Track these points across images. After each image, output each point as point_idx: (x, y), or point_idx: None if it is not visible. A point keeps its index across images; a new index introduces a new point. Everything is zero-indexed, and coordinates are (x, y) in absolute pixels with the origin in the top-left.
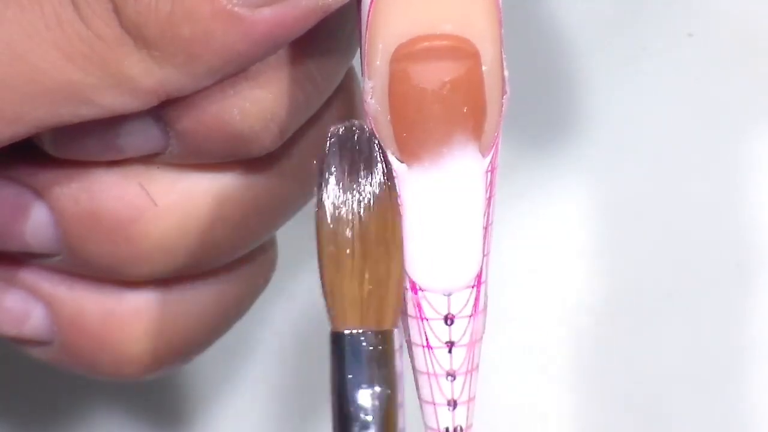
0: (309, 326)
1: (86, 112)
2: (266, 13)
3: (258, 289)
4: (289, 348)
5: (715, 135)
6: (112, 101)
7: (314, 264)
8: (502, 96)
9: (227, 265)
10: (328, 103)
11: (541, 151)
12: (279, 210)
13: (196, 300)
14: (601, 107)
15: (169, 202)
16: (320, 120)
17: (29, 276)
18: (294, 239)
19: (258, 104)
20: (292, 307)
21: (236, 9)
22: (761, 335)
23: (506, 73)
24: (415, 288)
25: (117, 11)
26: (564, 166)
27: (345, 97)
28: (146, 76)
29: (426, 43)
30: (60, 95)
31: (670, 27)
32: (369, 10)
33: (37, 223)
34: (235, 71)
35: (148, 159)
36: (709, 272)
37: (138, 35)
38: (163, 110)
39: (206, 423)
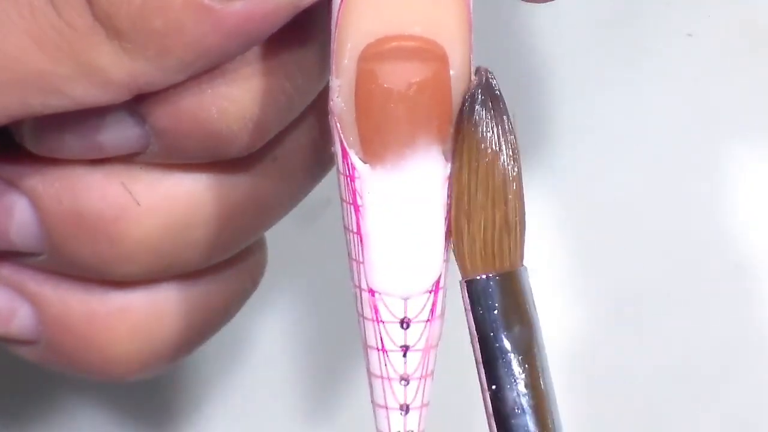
0: (303, 328)
1: (57, 103)
2: (238, 6)
3: (246, 292)
4: (283, 349)
5: (715, 135)
6: (82, 92)
7: (306, 268)
8: None
9: (214, 266)
10: (315, 106)
11: (542, 150)
12: (264, 212)
13: (181, 301)
14: (601, 107)
15: (151, 202)
16: (305, 122)
17: (15, 275)
18: (286, 241)
19: (236, 103)
20: (288, 305)
21: (207, 2)
22: (761, 335)
23: (474, 78)
24: (372, 290)
25: (90, 1)
26: (564, 165)
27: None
28: (117, 67)
29: (394, 44)
30: (30, 85)
31: (670, 27)
32: (339, 10)
33: (21, 222)
34: (207, 66)
35: (130, 159)
36: (709, 272)
37: (110, 26)
38: (142, 108)
39: (198, 424)
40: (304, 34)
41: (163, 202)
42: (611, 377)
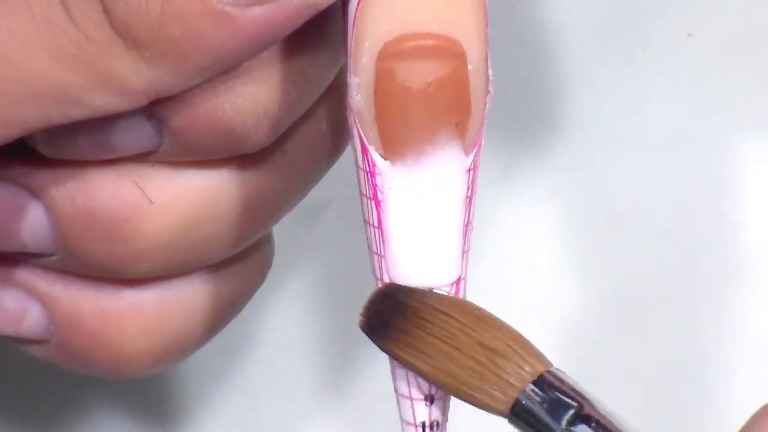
0: (304, 327)
1: (76, 113)
2: (257, 12)
3: (254, 286)
4: (288, 345)
5: (715, 135)
6: (101, 102)
7: (307, 268)
8: (486, 95)
9: (223, 261)
10: (322, 98)
11: (542, 150)
12: (274, 206)
13: (192, 297)
14: (600, 107)
15: (164, 199)
16: (314, 115)
17: (26, 275)
18: (287, 242)
19: (250, 100)
20: (290, 304)
21: (226, 8)
22: (761, 335)
23: (491, 72)
24: None
25: (107, 12)
26: (563, 165)
27: (339, 92)
28: (136, 76)
29: (412, 42)
30: (50, 97)
31: (670, 27)
32: (356, 8)
33: (33, 224)
34: (225, 70)
35: (142, 157)
36: (709, 272)
37: (128, 36)
38: (155, 108)
39: (204, 421)
40: (316, 28)
41: (175, 200)
42: (611, 377)
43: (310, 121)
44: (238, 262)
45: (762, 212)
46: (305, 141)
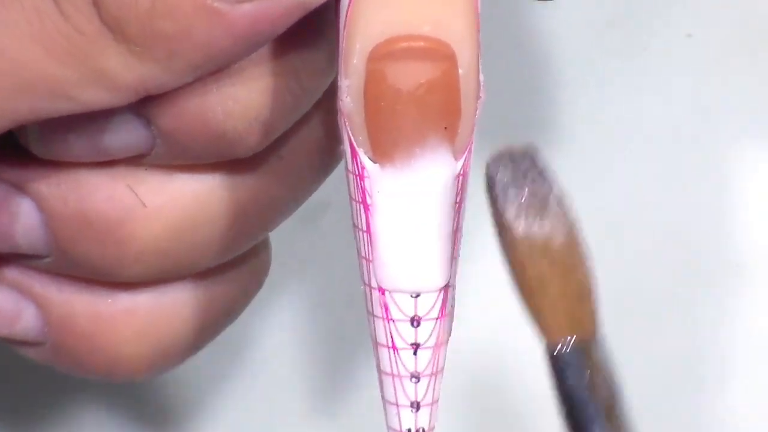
0: (302, 330)
1: (65, 107)
2: (247, 8)
3: (250, 292)
4: (287, 348)
5: (715, 135)
6: (91, 96)
7: (305, 271)
8: (477, 100)
9: (219, 267)
10: (319, 103)
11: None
12: (270, 212)
13: (187, 302)
14: (600, 107)
15: (157, 203)
16: (311, 120)
17: (19, 276)
18: (285, 245)
19: (242, 103)
20: (289, 307)
21: (217, 5)
22: (761, 335)
23: (482, 77)
24: (382, 288)
25: (97, 5)
26: (563, 165)
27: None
28: (126, 71)
29: (403, 44)
30: (39, 90)
31: (670, 27)
32: (347, 9)
33: (27, 225)
34: (216, 68)
35: (136, 160)
36: (709, 272)
37: (118, 30)
38: (147, 109)
39: (203, 422)
40: (311, 32)
41: (169, 204)
42: None
43: (307, 126)
44: (233, 268)
45: (762, 212)
46: (302, 147)
